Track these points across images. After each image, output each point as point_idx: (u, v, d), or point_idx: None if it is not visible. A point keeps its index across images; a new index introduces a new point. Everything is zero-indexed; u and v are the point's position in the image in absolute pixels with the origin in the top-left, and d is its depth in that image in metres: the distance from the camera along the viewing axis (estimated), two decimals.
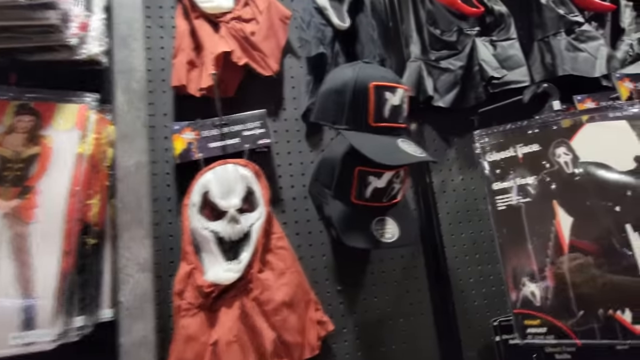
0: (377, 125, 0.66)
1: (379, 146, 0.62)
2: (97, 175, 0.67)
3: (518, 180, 0.76)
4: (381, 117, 0.66)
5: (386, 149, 0.62)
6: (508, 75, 0.95)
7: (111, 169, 0.70)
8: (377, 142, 0.63)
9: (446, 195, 0.96)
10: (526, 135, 0.78)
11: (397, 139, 0.65)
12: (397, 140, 0.65)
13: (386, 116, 0.66)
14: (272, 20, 0.91)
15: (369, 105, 0.64)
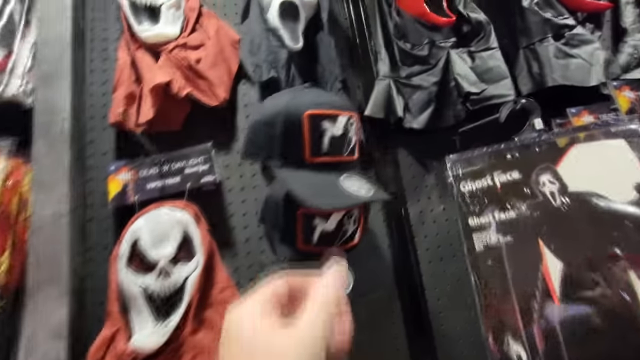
0: (314, 160, 0.56)
1: (316, 186, 0.52)
2: (7, 228, 0.60)
3: (497, 214, 0.64)
4: (319, 151, 0.56)
5: (324, 189, 0.52)
6: (489, 89, 0.84)
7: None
8: (314, 181, 0.54)
9: (425, 227, 0.85)
10: (504, 161, 0.66)
11: (340, 176, 0.56)
12: (339, 178, 0.55)
13: (325, 150, 0.56)
14: (222, 46, 0.84)
15: (304, 138, 0.55)
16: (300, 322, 0.26)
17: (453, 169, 0.70)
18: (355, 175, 0.58)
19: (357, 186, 0.55)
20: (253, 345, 0.24)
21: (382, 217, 0.84)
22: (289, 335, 0.25)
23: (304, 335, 0.25)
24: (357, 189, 0.54)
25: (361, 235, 0.66)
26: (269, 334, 0.25)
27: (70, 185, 0.65)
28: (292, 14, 0.82)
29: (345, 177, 0.56)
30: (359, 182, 0.56)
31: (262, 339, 0.25)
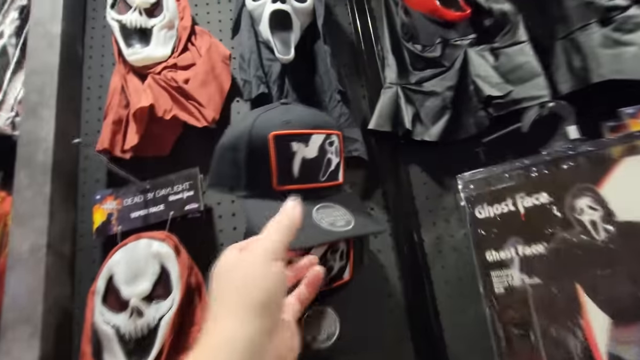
0: (283, 189, 0.48)
1: None
2: None
3: (521, 248, 0.51)
4: (288, 177, 0.48)
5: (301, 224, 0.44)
6: (517, 90, 0.70)
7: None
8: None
9: (443, 257, 0.72)
10: (529, 180, 0.53)
11: (314, 206, 0.47)
12: (312, 209, 0.46)
13: (296, 175, 0.48)
14: (213, 63, 0.79)
15: (270, 164, 0.47)
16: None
17: (466, 190, 0.58)
18: (335, 204, 0.49)
19: (334, 218, 0.46)
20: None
21: (390, 244, 0.73)
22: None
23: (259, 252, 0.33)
24: (332, 221, 0.45)
25: (353, 271, 0.56)
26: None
27: (51, 217, 0.63)
28: (284, 24, 0.75)
29: (320, 208, 0.47)
30: (338, 213, 0.47)
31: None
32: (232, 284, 0.32)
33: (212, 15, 0.88)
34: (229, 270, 0.33)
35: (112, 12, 0.79)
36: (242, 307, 0.30)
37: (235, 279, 0.32)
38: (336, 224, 0.44)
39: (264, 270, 0.31)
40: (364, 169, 0.77)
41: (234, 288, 0.31)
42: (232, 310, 0.30)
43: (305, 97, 0.76)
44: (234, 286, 0.31)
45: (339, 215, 0.46)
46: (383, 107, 0.75)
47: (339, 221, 0.45)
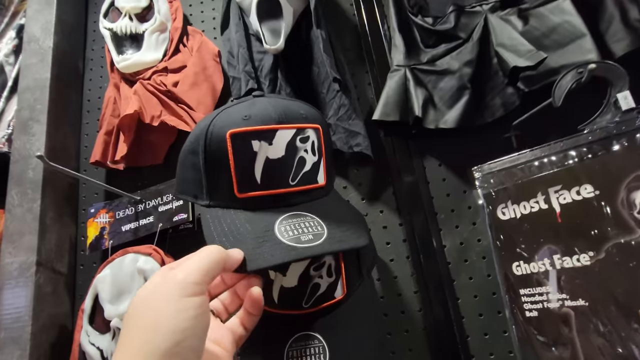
0: (245, 196, 0.40)
1: (242, 236, 0.36)
2: None
3: (558, 259, 0.39)
4: (250, 183, 0.40)
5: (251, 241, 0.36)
6: (554, 57, 0.56)
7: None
8: (241, 228, 0.38)
9: (470, 267, 0.60)
10: (567, 169, 0.40)
11: (280, 216, 0.39)
12: (276, 220, 0.38)
13: (259, 180, 0.40)
14: (204, 63, 0.75)
15: (230, 167, 0.40)
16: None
17: (485, 186, 0.46)
18: (309, 213, 0.40)
19: (303, 230, 0.37)
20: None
21: (405, 253, 0.62)
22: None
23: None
24: (297, 235, 0.36)
25: (347, 288, 0.47)
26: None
27: (41, 234, 0.61)
28: (274, 11, 0.68)
29: (288, 218, 0.39)
30: (308, 224, 0.38)
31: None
32: (137, 323, 0.26)
33: (206, 14, 0.83)
34: (140, 304, 0.27)
35: (105, 21, 0.77)
36: (143, 355, 0.24)
37: (141, 317, 0.26)
38: (301, 239, 0.36)
39: (175, 308, 0.25)
40: (371, 167, 0.67)
41: (138, 329, 0.26)
42: (132, 358, 0.24)
43: (300, 89, 0.68)
44: (139, 327, 0.25)
45: (308, 227, 0.38)
46: (389, 93, 0.65)
47: (306, 235, 0.36)
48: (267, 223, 0.38)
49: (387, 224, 0.64)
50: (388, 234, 0.64)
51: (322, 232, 0.38)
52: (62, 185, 0.69)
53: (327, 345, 0.44)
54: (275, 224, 0.38)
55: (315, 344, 0.45)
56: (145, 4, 0.79)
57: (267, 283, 0.45)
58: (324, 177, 0.45)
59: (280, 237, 0.36)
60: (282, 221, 0.38)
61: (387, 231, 0.64)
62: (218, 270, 0.30)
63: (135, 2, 0.78)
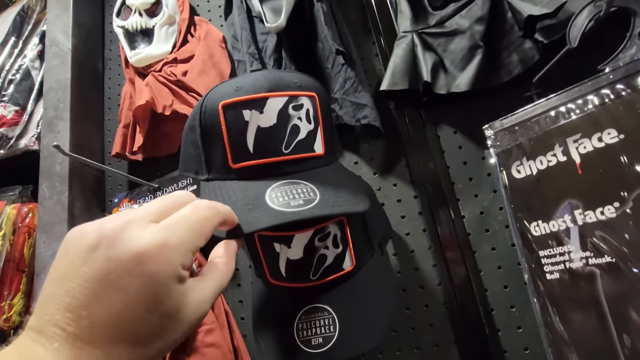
0: (239, 166, 0.40)
1: (234, 205, 0.36)
2: (20, 270, 0.63)
3: (579, 215, 0.35)
4: (244, 152, 0.40)
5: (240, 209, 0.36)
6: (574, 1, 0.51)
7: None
8: (234, 197, 0.38)
9: (491, 236, 0.56)
10: (587, 114, 0.36)
11: (272, 184, 0.38)
12: (268, 188, 0.37)
13: (251, 149, 0.40)
14: (211, 50, 0.75)
15: (224, 139, 0.40)
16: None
17: (498, 144, 0.43)
18: (302, 180, 0.39)
19: (293, 196, 0.36)
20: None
21: (421, 226, 0.60)
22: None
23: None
24: (287, 201, 0.35)
25: (356, 259, 0.46)
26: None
27: (70, 223, 0.65)
28: None
29: (279, 185, 0.38)
30: (301, 190, 0.37)
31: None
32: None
33: (212, 3, 0.84)
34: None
35: (117, 20, 0.80)
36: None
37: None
38: (291, 204, 0.35)
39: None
40: (382, 140, 0.64)
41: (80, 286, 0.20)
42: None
43: (306, 67, 0.67)
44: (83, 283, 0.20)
45: (300, 193, 0.37)
46: (396, 61, 0.62)
47: (296, 200, 0.35)
48: (259, 191, 0.38)
49: (402, 197, 0.62)
50: (403, 207, 0.61)
51: (314, 197, 0.36)
52: (88, 179, 0.73)
53: (337, 317, 0.43)
54: (266, 192, 0.37)
55: (324, 316, 0.44)
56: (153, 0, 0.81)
57: (273, 256, 0.45)
58: (322, 146, 0.44)
59: (270, 203, 0.36)
60: (275, 188, 0.38)
61: (401, 204, 0.61)
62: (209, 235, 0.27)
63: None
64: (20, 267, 0.66)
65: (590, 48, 0.40)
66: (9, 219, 0.67)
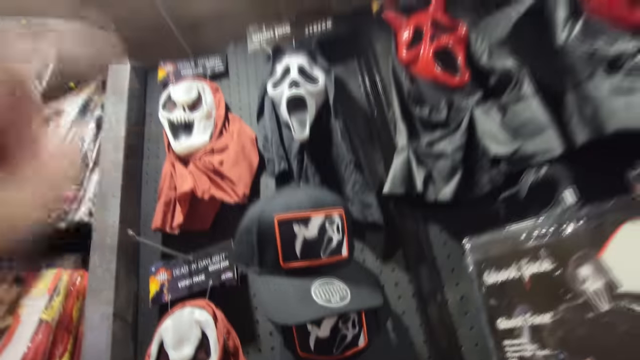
0: (289, 266, 0.54)
1: (284, 297, 0.50)
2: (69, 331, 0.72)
3: (529, 317, 0.51)
4: (292, 256, 0.54)
5: (291, 300, 0.49)
6: (527, 145, 0.70)
7: None
8: (285, 291, 0.52)
9: (470, 318, 0.71)
10: (532, 246, 0.53)
11: (315, 282, 0.52)
12: (312, 285, 0.51)
13: (298, 254, 0.54)
14: (243, 144, 0.92)
15: (277, 244, 0.54)
16: None
17: (474, 254, 0.59)
18: (337, 278, 0.54)
19: (332, 293, 0.51)
20: None
21: (414, 306, 0.74)
22: None
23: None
24: (328, 297, 0.50)
25: (368, 338, 0.59)
26: None
27: (116, 290, 0.76)
28: (300, 106, 0.85)
29: (321, 284, 0.52)
30: (338, 287, 0.52)
31: None
32: None
33: (243, 102, 1.01)
34: None
35: (163, 112, 0.96)
36: None
37: None
38: (331, 300, 0.49)
39: None
40: (383, 232, 0.80)
41: None
42: None
43: (323, 168, 0.84)
44: None
45: (336, 290, 0.51)
46: (396, 171, 0.80)
47: (334, 297, 0.50)
48: (306, 287, 0.52)
49: (398, 281, 0.76)
50: (399, 289, 0.76)
51: (346, 295, 0.51)
52: (130, 249, 0.84)
53: None
54: (311, 288, 0.51)
55: None
56: (195, 97, 0.98)
57: (305, 334, 0.58)
58: (347, 251, 0.59)
59: (316, 299, 0.50)
60: (318, 286, 0.52)
61: (398, 287, 0.76)
62: None
63: (187, 95, 0.97)
64: (68, 328, 0.74)
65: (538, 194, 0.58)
66: (65, 285, 0.77)
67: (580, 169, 0.63)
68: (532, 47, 0.80)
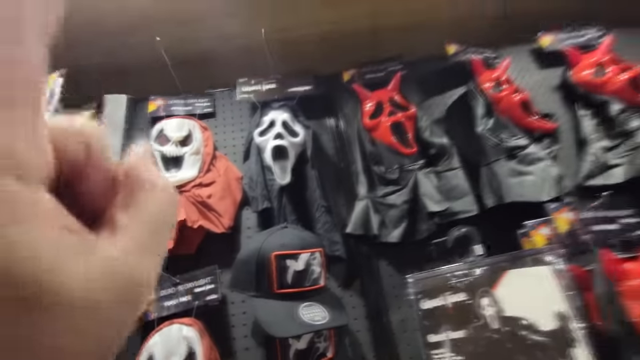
0: (280, 292, 0.70)
1: (277, 315, 0.66)
2: None
3: (450, 334, 0.73)
4: (284, 283, 0.71)
5: (283, 318, 0.65)
6: (454, 205, 0.96)
7: None
8: (277, 311, 0.67)
9: (408, 336, 0.92)
10: (455, 282, 0.76)
11: (301, 305, 0.69)
12: (299, 307, 0.68)
13: (289, 282, 0.71)
14: (229, 182, 1.06)
15: (272, 274, 0.70)
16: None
17: (413, 287, 0.80)
18: (317, 302, 0.71)
19: (314, 314, 0.68)
20: None
21: (366, 326, 0.93)
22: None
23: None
24: (312, 317, 0.67)
25: (335, 349, 0.76)
26: None
27: None
28: (283, 154, 1.03)
29: (305, 306, 0.69)
30: (318, 309, 0.69)
31: None
32: None
33: (229, 142, 1.16)
34: None
35: (155, 144, 1.07)
36: None
37: None
38: (314, 319, 0.66)
39: None
40: (345, 264, 0.99)
41: None
42: None
43: (298, 208, 1.01)
44: None
45: (319, 311, 0.68)
46: (357, 215, 1.00)
47: (317, 316, 0.67)
48: (294, 309, 0.68)
49: (355, 305, 0.95)
50: (356, 311, 0.95)
51: (326, 315, 0.68)
52: None
53: None
54: (298, 310, 0.68)
55: None
56: (186, 133, 1.10)
57: (286, 346, 0.73)
58: (324, 281, 0.77)
59: (302, 318, 0.66)
60: (303, 308, 0.68)
61: (355, 310, 0.95)
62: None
63: (179, 131, 1.09)
64: None
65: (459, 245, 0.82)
66: None
67: (489, 227, 0.89)
68: (460, 129, 1.08)
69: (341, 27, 1.28)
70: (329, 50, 1.30)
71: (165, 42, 1.13)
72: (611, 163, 0.96)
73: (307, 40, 1.31)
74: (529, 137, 1.01)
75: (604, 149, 1.00)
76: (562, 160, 1.01)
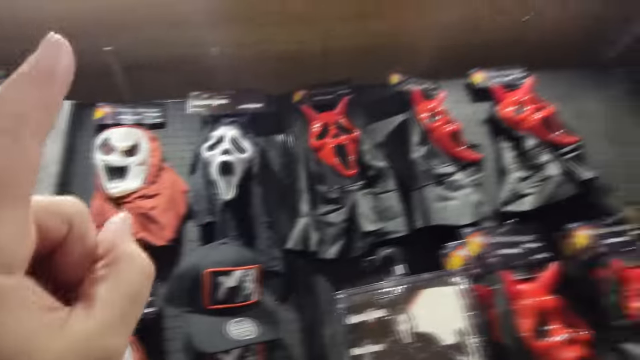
0: (211, 308, 0.74)
1: (207, 330, 0.69)
2: None
3: (370, 347, 0.79)
4: (215, 300, 0.74)
5: (213, 334, 0.69)
6: (387, 225, 1.04)
7: None
8: (207, 326, 0.70)
9: (337, 351, 0.98)
10: (378, 299, 0.82)
11: (231, 320, 0.72)
12: (229, 323, 0.72)
13: (220, 299, 0.74)
14: (174, 194, 1.07)
15: (204, 291, 0.73)
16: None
17: (341, 303, 0.86)
18: (248, 317, 0.75)
19: (244, 329, 0.71)
20: None
21: (299, 339, 0.98)
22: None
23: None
24: (241, 332, 0.70)
25: None
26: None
27: None
28: (229, 170, 1.06)
29: (235, 322, 0.73)
30: (249, 324, 0.73)
31: None
32: None
33: (177, 154, 1.17)
34: None
35: (99, 154, 1.06)
36: None
37: None
38: (243, 334, 0.70)
39: None
40: (283, 279, 1.03)
41: None
42: None
43: (241, 224, 1.04)
44: None
45: (248, 327, 0.72)
46: (298, 231, 1.05)
47: (246, 332, 0.71)
48: (223, 325, 0.71)
49: (290, 319, 1.00)
50: (291, 326, 0.99)
51: (254, 330, 0.72)
52: None
53: None
54: (228, 325, 0.71)
55: None
56: (132, 143, 1.10)
57: None
58: (258, 296, 0.81)
59: (229, 334, 0.70)
60: (233, 323, 0.72)
61: (290, 324, 0.99)
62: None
63: (125, 142, 1.09)
64: None
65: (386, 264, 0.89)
66: None
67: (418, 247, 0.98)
68: (397, 154, 1.16)
69: (295, 47, 1.34)
70: (284, 70, 1.35)
71: (116, 48, 1.13)
72: (524, 192, 1.08)
73: (264, 57, 1.35)
74: (456, 165, 1.11)
75: (519, 179, 1.12)
76: (485, 188, 1.12)
